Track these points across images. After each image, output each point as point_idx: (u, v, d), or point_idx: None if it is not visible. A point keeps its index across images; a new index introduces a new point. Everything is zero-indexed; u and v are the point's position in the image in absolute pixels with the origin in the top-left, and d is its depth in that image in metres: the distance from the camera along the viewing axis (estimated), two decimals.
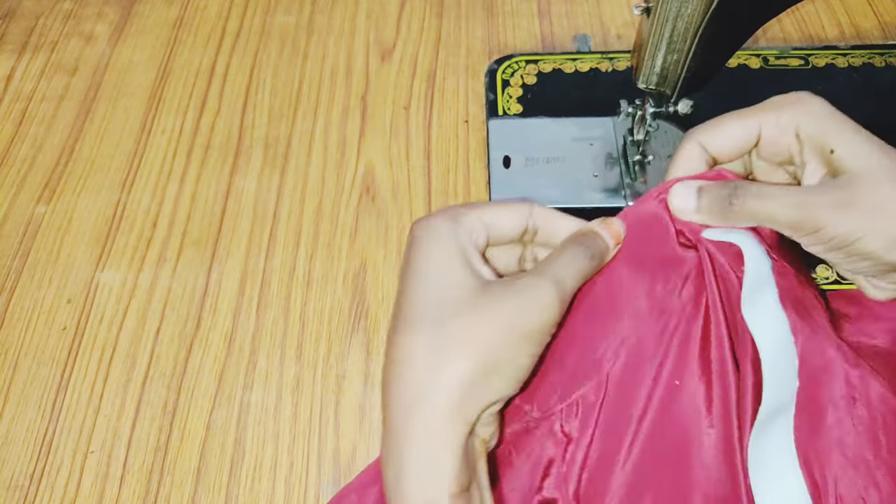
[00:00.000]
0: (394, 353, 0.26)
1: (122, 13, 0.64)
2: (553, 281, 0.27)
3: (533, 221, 0.30)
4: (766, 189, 0.28)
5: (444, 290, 0.26)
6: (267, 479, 0.40)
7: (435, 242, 0.28)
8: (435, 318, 0.26)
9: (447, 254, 0.27)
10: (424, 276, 0.27)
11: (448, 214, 0.29)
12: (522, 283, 0.27)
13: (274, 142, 0.55)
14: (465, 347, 0.25)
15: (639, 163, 0.50)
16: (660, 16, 0.37)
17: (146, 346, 0.45)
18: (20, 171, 0.54)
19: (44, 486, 0.40)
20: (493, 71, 0.57)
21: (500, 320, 0.26)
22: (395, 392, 0.26)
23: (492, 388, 0.26)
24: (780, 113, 0.29)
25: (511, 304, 0.26)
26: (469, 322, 0.26)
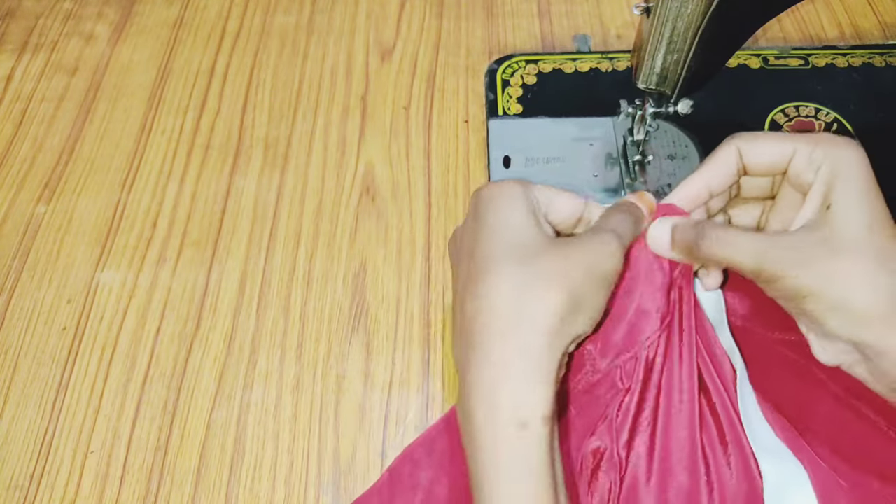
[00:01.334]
0: (480, 289, 0.27)
1: (122, 13, 0.64)
2: (615, 234, 0.29)
3: (588, 213, 0.33)
4: (731, 236, 0.29)
5: (523, 237, 0.28)
6: (267, 479, 0.40)
7: (509, 199, 0.30)
8: (520, 257, 0.27)
9: (522, 209, 0.29)
10: (504, 224, 0.29)
11: (519, 181, 0.31)
12: (589, 235, 0.29)
13: (274, 142, 0.55)
14: (554, 282, 0.27)
15: (639, 163, 0.50)
16: (660, 16, 0.37)
17: (146, 346, 0.45)
18: (20, 171, 0.54)
19: (44, 486, 0.40)
20: (493, 71, 0.57)
21: (578, 263, 0.28)
22: (485, 322, 0.27)
23: (577, 322, 0.28)
24: (815, 147, 0.30)
25: (585, 251, 0.28)
26: (553, 261, 0.27)
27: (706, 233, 0.30)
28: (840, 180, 0.29)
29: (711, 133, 0.51)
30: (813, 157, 0.30)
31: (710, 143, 0.51)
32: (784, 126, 0.52)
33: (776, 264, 0.28)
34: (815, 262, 0.28)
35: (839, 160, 0.29)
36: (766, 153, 0.31)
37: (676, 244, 0.31)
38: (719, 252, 0.29)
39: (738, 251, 0.29)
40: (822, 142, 0.30)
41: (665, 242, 0.32)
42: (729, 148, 0.32)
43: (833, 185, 0.29)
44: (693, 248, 0.30)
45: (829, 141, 0.30)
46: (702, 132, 0.52)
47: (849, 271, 0.27)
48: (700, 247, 0.30)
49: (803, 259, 0.28)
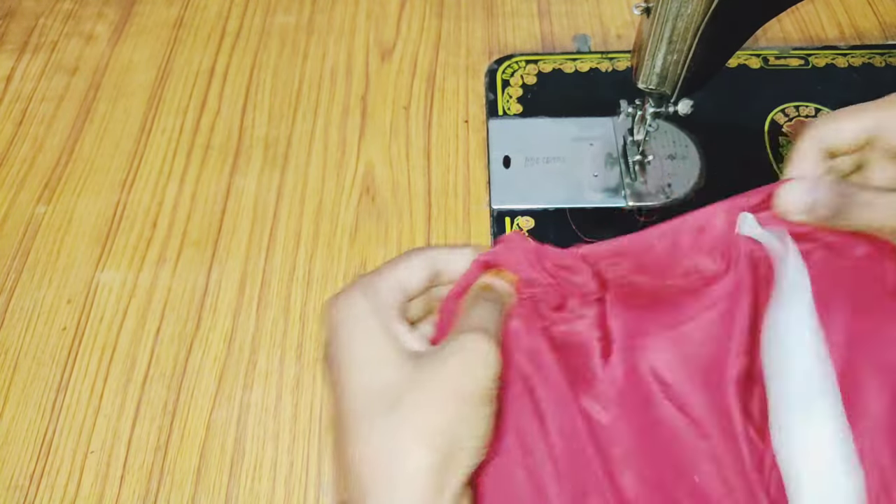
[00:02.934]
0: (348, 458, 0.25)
1: (122, 13, 0.64)
2: (482, 331, 0.26)
3: (438, 266, 0.30)
4: (875, 199, 0.28)
5: (379, 379, 0.25)
6: (267, 480, 0.40)
7: (357, 326, 0.27)
8: (380, 408, 0.25)
9: (373, 336, 0.26)
10: (357, 366, 0.26)
11: (361, 289, 0.28)
12: (453, 344, 0.26)
13: (274, 142, 0.55)
14: (420, 435, 0.24)
15: (639, 163, 0.50)
16: (660, 16, 0.37)
17: (146, 346, 0.45)
18: (20, 171, 0.54)
19: (44, 486, 0.40)
20: (493, 71, 0.57)
21: (447, 393, 0.24)
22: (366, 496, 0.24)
23: (459, 466, 0.25)
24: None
25: (453, 369, 0.25)
26: (416, 405, 0.24)
27: (855, 197, 0.28)
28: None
29: (711, 133, 0.51)
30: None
31: (710, 143, 0.51)
32: (784, 126, 0.52)
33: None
34: None
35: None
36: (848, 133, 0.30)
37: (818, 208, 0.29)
38: (866, 216, 0.28)
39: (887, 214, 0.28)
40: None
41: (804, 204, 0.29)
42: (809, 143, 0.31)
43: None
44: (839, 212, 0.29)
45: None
46: (702, 132, 0.52)
47: None
48: (848, 212, 0.28)
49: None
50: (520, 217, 0.48)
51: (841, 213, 0.28)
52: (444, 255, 0.30)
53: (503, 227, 0.48)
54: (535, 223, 0.48)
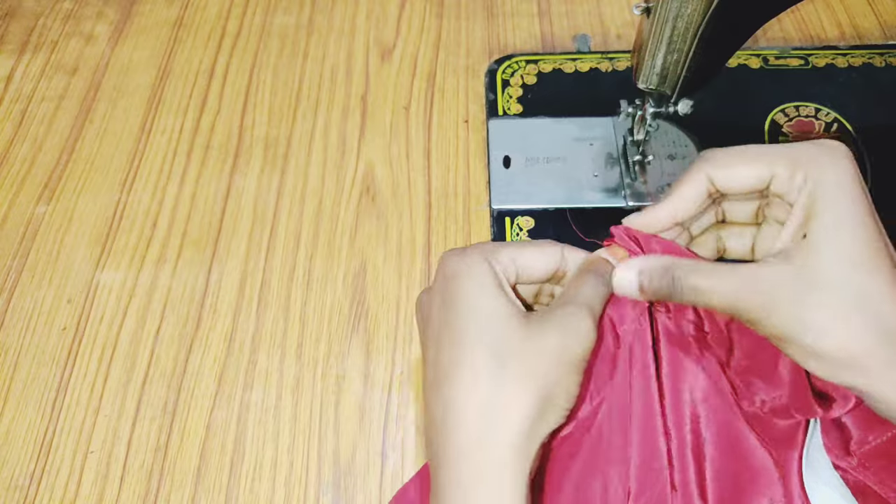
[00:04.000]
0: (448, 393, 0.27)
1: (122, 13, 0.64)
2: (587, 308, 0.28)
3: (564, 265, 0.31)
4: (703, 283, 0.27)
5: (492, 327, 0.27)
6: (267, 480, 0.40)
7: (474, 278, 0.28)
8: (489, 357, 0.26)
9: (489, 290, 0.28)
10: (470, 314, 0.27)
11: (482, 251, 0.29)
12: (561, 313, 0.28)
13: (274, 142, 0.55)
14: (525, 384, 0.26)
15: (639, 163, 0.50)
16: (660, 16, 0.37)
17: (146, 346, 0.45)
18: (20, 171, 0.54)
19: (44, 486, 0.40)
20: (493, 71, 0.57)
21: (550, 352, 0.27)
22: (453, 431, 0.26)
23: (548, 421, 0.27)
24: (795, 171, 0.27)
25: (557, 334, 0.27)
26: (523, 358, 0.26)
27: (678, 283, 0.28)
28: (819, 207, 0.26)
29: (711, 133, 0.51)
30: (793, 183, 0.27)
31: (710, 143, 0.51)
32: (784, 126, 0.52)
33: (750, 308, 0.26)
34: (785, 305, 0.25)
35: (822, 183, 0.26)
36: (741, 179, 0.29)
37: (646, 292, 0.29)
38: (694, 299, 0.28)
39: (712, 299, 0.27)
40: (803, 162, 0.27)
41: (633, 289, 0.29)
42: (697, 174, 0.29)
43: (812, 212, 0.26)
44: (666, 297, 0.28)
45: (810, 159, 0.27)
46: (702, 132, 0.52)
47: (821, 315, 0.25)
48: (673, 297, 0.28)
49: (774, 301, 0.25)
50: (520, 217, 0.48)
51: (671, 296, 0.28)
52: (576, 253, 0.32)
53: (503, 227, 0.48)
54: (535, 223, 0.48)
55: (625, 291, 0.30)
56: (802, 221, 0.27)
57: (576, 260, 0.31)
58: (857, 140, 0.51)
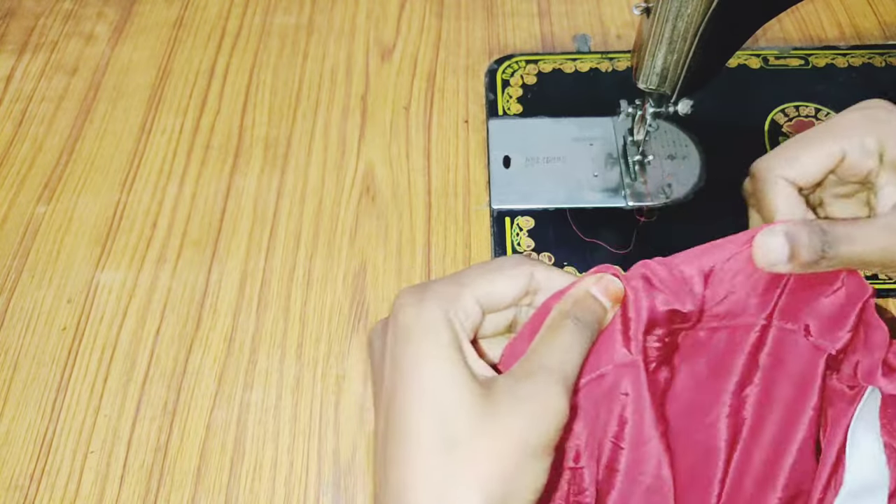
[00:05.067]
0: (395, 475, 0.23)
1: (122, 13, 0.64)
2: (558, 377, 0.24)
3: (535, 284, 0.27)
4: (855, 233, 0.27)
5: (443, 404, 0.23)
6: (267, 480, 0.40)
7: (427, 341, 0.24)
8: (440, 441, 0.23)
9: (444, 356, 0.24)
10: (421, 384, 0.24)
11: (442, 300, 0.25)
12: (525, 387, 0.24)
13: (274, 142, 0.55)
14: (474, 478, 0.22)
15: (639, 163, 0.50)
16: (660, 16, 0.37)
17: (146, 346, 0.45)
18: (20, 171, 0.54)
19: (44, 486, 0.40)
20: (493, 71, 0.57)
21: (509, 437, 0.23)
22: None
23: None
24: (864, 137, 0.28)
25: (518, 416, 0.23)
26: (476, 444, 0.23)
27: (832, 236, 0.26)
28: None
29: (711, 133, 0.51)
30: (866, 147, 0.28)
31: (710, 143, 0.51)
32: (784, 126, 0.52)
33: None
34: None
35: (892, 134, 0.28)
36: (816, 165, 0.29)
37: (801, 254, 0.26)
38: (850, 253, 0.27)
39: (871, 247, 0.27)
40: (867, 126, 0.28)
41: (782, 256, 0.27)
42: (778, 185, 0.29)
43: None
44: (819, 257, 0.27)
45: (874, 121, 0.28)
46: (702, 132, 0.52)
47: None
48: (828, 253, 0.26)
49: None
50: (520, 217, 0.48)
51: (825, 255, 0.26)
52: (545, 271, 0.27)
53: (503, 226, 0.48)
54: (535, 223, 0.48)
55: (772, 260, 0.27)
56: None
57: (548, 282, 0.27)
58: None
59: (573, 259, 0.46)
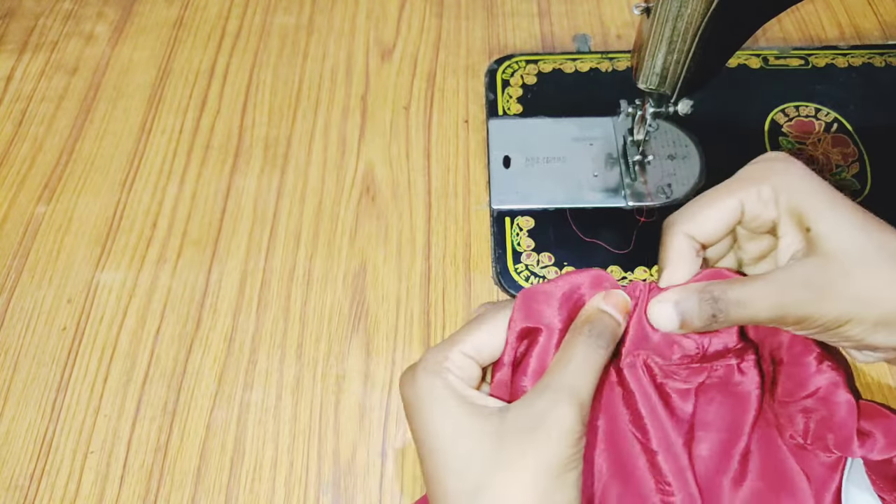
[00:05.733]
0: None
1: (122, 13, 0.64)
2: (569, 396, 0.25)
3: None
4: (746, 295, 0.27)
5: (458, 460, 0.24)
6: (267, 480, 0.40)
7: (428, 406, 0.26)
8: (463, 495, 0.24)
9: (445, 417, 0.25)
10: (432, 451, 0.25)
11: (430, 367, 0.27)
12: (538, 410, 0.25)
13: (274, 142, 0.55)
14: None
15: (639, 163, 0.50)
16: (660, 16, 0.37)
17: (146, 346, 0.45)
18: (20, 171, 0.54)
19: (44, 486, 0.40)
20: (493, 71, 0.57)
21: (529, 465, 0.24)
22: None
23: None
24: (760, 186, 0.28)
25: (533, 443, 0.24)
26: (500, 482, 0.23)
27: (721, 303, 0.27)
28: (805, 202, 0.27)
29: (711, 133, 0.51)
30: (763, 197, 0.28)
31: (710, 143, 0.51)
32: (784, 126, 0.52)
33: (800, 304, 0.26)
34: (835, 289, 0.26)
35: (791, 186, 0.28)
36: (717, 221, 0.29)
37: (687, 323, 0.28)
38: (740, 316, 0.27)
39: (759, 307, 0.27)
40: (762, 177, 0.28)
41: (673, 323, 0.28)
42: (677, 239, 0.29)
43: (801, 209, 0.27)
44: (709, 321, 0.27)
45: (768, 173, 0.28)
46: (702, 132, 0.52)
47: (873, 284, 0.26)
48: (718, 319, 0.27)
49: (822, 290, 0.26)
50: (520, 217, 0.48)
51: (716, 319, 0.27)
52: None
53: (503, 227, 0.48)
54: (535, 223, 0.48)
55: (665, 328, 0.28)
56: (796, 221, 0.27)
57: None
58: (857, 140, 0.51)
59: (573, 259, 0.46)
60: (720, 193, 0.29)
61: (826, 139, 0.51)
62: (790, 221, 0.28)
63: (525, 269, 0.46)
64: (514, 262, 0.46)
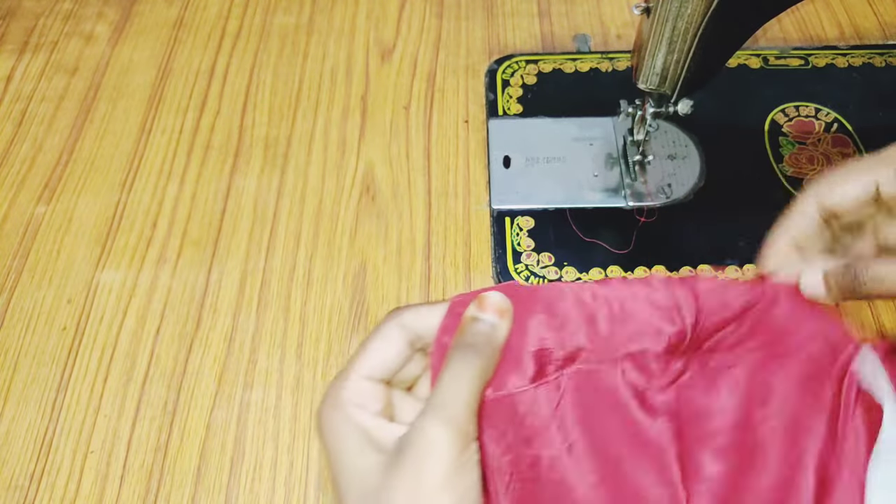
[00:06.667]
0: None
1: (122, 13, 0.64)
2: (437, 416, 0.25)
3: (413, 332, 0.28)
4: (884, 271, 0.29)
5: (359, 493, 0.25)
6: (267, 480, 0.40)
7: (332, 442, 0.27)
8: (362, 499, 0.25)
9: (346, 451, 0.26)
10: (340, 484, 0.26)
11: (330, 401, 0.28)
12: (412, 433, 0.25)
13: (274, 142, 0.55)
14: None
15: (639, 163, 0.50)
16: (660, 16, 0.37)
17: (146, 346, 0.45)
18: (20, 171, 0.54)
19: (44, 486, 0.40)
20: (493, 71, 0.57)
21: (410, 485, 0.24)
22: None
23: None
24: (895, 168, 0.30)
25: (411, 461, 0.24)
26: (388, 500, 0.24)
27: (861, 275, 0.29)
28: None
29: (711, 133, 0.51)
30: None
31: (710, 143, 0.51)
32: (784, 126, 0.52)
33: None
34: None
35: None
36: (848, 193, 0.31)
37: (834, 291, 0.30)
38: (879, 289, 0.29)
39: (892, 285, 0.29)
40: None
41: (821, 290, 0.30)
42: (807, 198, 0.31)
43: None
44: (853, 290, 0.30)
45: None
46: (702, 132, 0.52)
47: None
48: (858, 290, 0.30)
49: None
50: (520, 217, 0.48)
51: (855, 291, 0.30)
52: (414, 314, 0.28)
53: (503, 227, 0.48)
54: (535, 223, 0.48)
55: (814, 293, 0.30)
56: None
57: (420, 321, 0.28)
58: (857, 140, 0.51)
59: (573, 259, 0.46)
60: (858, 170, 0.31)
61: (826, 139, 0.51)
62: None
63: (525, 269, 0.46)
64: (514, 262, 0.46)
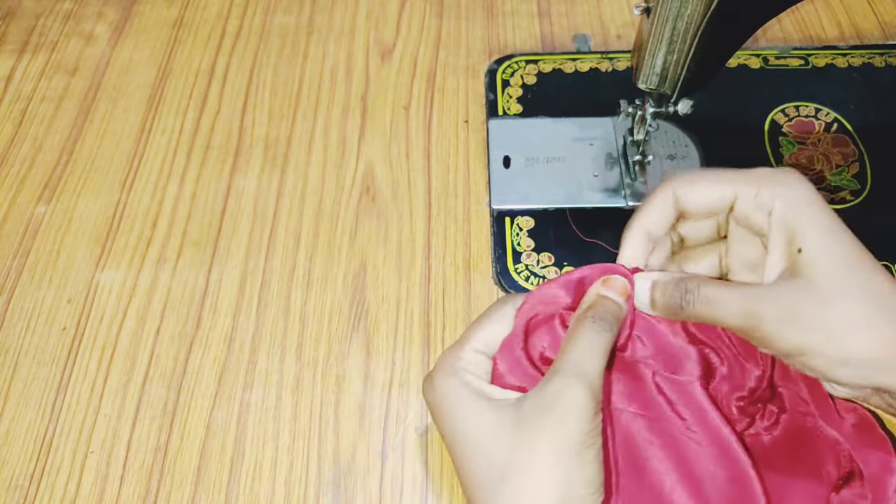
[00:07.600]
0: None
1: (122, 13, 0.64)
2: (577, 377, 0.26)
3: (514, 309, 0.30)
4: (716, 294, 0.28)
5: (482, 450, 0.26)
6: (267, 480, 0.40)
7: (451, 407, 0.28)
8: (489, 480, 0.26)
9: (465, 413, 0.27)
10: (464, 447, 0.27)
11: (446, 368, 0.28)
12: (549, 393, 0.26)
13: (274, 142, 0.55)
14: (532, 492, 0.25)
15: (639, 163, 0.50)
16: (660, 16, 0.37)
17: (146, 346, 0.45)
18: (20, 171, 0.54)
19: (44, 486, 0.40)
20: (493, 71, 0.57)
21: (545, 447, 0.25)
22: None
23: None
24: (759, 189, 0.28)
25: (547, 424, 0.25)
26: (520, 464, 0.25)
27: (691, 293, 0.28)
28: (803, 221, 0.27)
29: (711, 133, 0.51)
30: (759, 200, 0.28)
31: (710, 143, 0.51)
32: (784, 126, 0.52)
33: (766, 324, 0.26)
34: (805, 316, 0.26)
35: (792, 200, 0.27)
36: (705, 197, 0.30)
37: (658, 305, 0.29)
38: (705, 312, 0.28)
39: (728, 312, 0.27)
40: (765, 182, 0.28)
41: (645, 302, 0.30)
42: (665, 193, 0.30)
43: (796, 227, 0.27)
44: (677, 309, 0.28)
45: (772, 179, 0.28)
46: (702, 132, 0.52)
47: (846, 321, 0.25)
48: (684, 309, 0.28)
49: (793, 314, 0.26)
50: (520, 217, 0.48)
51: (682, 310, 0.28)
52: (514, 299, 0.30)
53: (503, 227, 0.48)
54: (535, 223, 0.48)
55: (639, 305, 0.30)
56: (789, 236, 0.27)
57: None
58: (857, 140, 0.51)
59: (573, 259, 0.46)
60: (720, 176, 0.30)
61: (826, 139, 0.51)
62: (781, 237, 0.27)
63: (525, 269, 0.46)
64: (514, 262, 0.46)
